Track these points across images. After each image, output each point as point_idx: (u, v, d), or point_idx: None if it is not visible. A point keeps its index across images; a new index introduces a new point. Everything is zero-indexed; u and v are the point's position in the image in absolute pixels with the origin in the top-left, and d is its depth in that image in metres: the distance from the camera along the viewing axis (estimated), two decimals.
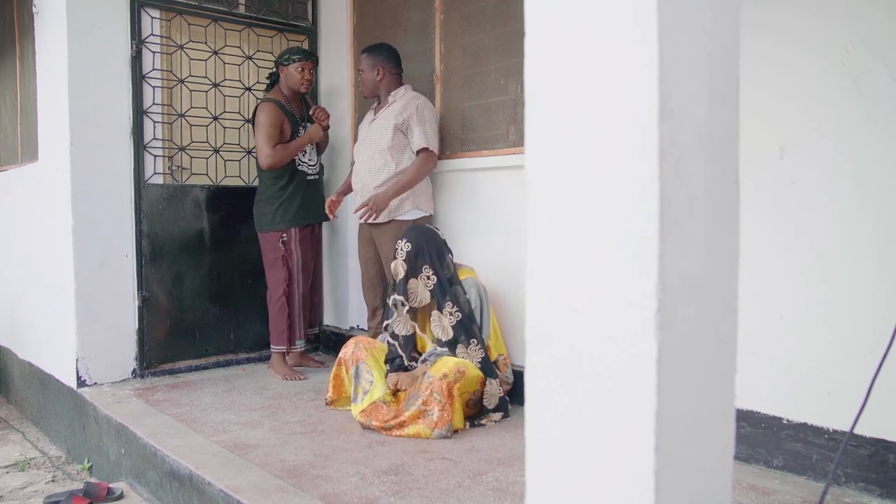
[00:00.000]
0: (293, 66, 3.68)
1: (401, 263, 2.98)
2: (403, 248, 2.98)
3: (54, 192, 3.65)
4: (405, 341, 3.03)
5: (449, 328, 2.92)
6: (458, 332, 2.91)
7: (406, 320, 3.03)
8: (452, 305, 2.93)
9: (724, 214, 0.99)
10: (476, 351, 2.89)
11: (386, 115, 3.43)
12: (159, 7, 3.72)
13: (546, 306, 1.01)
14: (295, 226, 3.69)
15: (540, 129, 1.01)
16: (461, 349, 2.89)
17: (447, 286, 2.96)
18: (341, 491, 2.20)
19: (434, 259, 2.96)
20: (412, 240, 2.99)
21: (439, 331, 2.94)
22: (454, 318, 2.92)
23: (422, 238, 2.99)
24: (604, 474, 0.94)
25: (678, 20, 0.89)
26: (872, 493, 2.11)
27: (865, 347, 2.08)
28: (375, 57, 3.47)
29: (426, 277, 2.96)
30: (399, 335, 3.04)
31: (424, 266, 2.96)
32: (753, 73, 2.26)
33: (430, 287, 2.96)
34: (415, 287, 2.97)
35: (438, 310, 2.95)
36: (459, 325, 2.92)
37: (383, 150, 3.38)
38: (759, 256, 2.32)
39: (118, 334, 3.61)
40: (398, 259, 2.99)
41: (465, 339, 2.90)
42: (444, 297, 2.95)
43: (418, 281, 2.97)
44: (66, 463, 3.55)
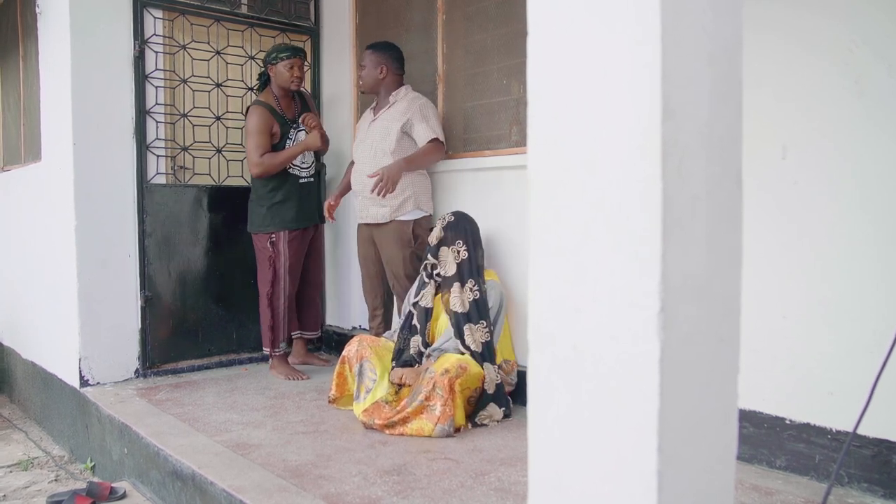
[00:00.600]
0: (282, 65, 3.62)
1: (439, 230, 3.12)
2: (447, 218, 3.14)
3: (57, 192, 3.66)
4: (424, 313, 3.12)
5: (467, 302, 3.00)
6: (472, 309, 2.99)
7: (431, 293, 3.14)
8: (474, 283, 3.02)
9: (727, 214, 0.99)
10: (482, 332, 2.95)
11: (388, 117, 3.42)
12: (162, 7, 3.73)
13: (548, 306, 1.01)
14: (284, 228, 3.65)
15: (542, 128, 1.01)
16: (470, 326, 2.95)
17: (474, 268, 3.06)
18: (344, 491, 2.20)
19: (469, 239, 3.09)
20: (457, 215, 3.14)
21: (457, 303, 3.00)
22: (473, 296, 3.01)
23: (465, 219, 3.15)
24: (606, 474, 0.94)
25: (680, 20, 0.89)
26: (876, 494, 2.11)
27: (868, 347, 2.08)
28: (381, 55, 3.46)
29: (457, 251, 3.06)
30: (421, 306, 3.13)
31: (459, 241, 3.08)
32: (755, 72, 2.26)
33: (459, 261, 3.05)
34: (445, 255, 3.09)
35: (460, 283, 3.03)
36: (475, 304, 3.00)
37: (387, 153, 3.36)
38: (761, 256, 2.31)
39: (121, 334, 3.61)
40: (438, 226, 3.14)
41: (476, 317, 2.98)
42: (469, 274, 3.04)
43: (450, 251, 3.08)
44: (68, 462, 3.56)
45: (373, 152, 3.41)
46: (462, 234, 3.08)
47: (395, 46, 3.53)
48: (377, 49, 3.48)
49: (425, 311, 3.13)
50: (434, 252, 3.11)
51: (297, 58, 3.66)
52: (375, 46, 3.51)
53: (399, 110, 3.40)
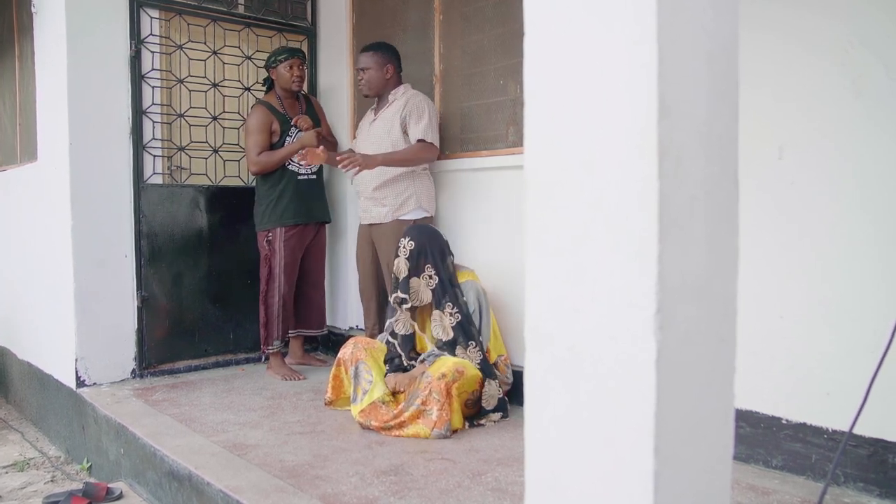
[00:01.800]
0: (281, 67, 3.69)
1: (403, 262, 2.98)
2: (406, 246, 2.99)
3: (54, 193, 3.65)
4: (403, 341, 3.04)
5: (449, 328, 2.92)
6: (457, 333, 2.91)
7: (406, 319, 3.04)
8: (452, 306, 2.93)
9: (724, 214, 0.99)
10: (474, 353, 2.89)
11: (388, 116, 3.42)
12: (158, 7, 3.72)
13: (546, 306, 1.01)
14: (281, 225, 3.67)
15: (539, 128, 1.01)
16: (460, 351, 2.89)
17: (448, 286, 2.96)
18: (341, 491, 2.20)
19: (437, 258, 2.97)
20: (415, 238, 2.99)
21: (440, 330, 2.94)
22: (454, 319, 2.92)
23: (424, 237, 3.00)
24: (603, 474, 0.94)
25: (677, 19, 0.89)
26: (871, 493, 2.11)
27: (865, 347, 2.08)
28: (384, 55, 3.44)
29: (428, 277, 2.96)
30: (398, 334, 3.04)
31: (427, 265, 2.96)
32: (753, 72, 2.26)
33: (432, 287, 2.96)
34: (417, 286, 2.98)
35: (439, 309, 2.95)
36: (459, 326, 2.92)
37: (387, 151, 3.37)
38: (759, 256, 2.32)
39: (117, 334, 3.60)
40: (401, 257, 2.99)
41: (463, 340, 2.90)
42: (444, 296, 2.95)
43: (420, 280, 2.97)
44: (65, 463, 3.55)
45: (372, 147, 3.41)
46: (427, 257, 2.97)
47: (393, 46, 3.53)
48: (380, 49, 3.45)
49: (406, 338, 3.04)
50: (405, 287, 2.98)
51: (294, 58, 3.70)
52: (377, 47, 3.47)
53: (397, 108, 3.41)
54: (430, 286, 2.96)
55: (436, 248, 2.99)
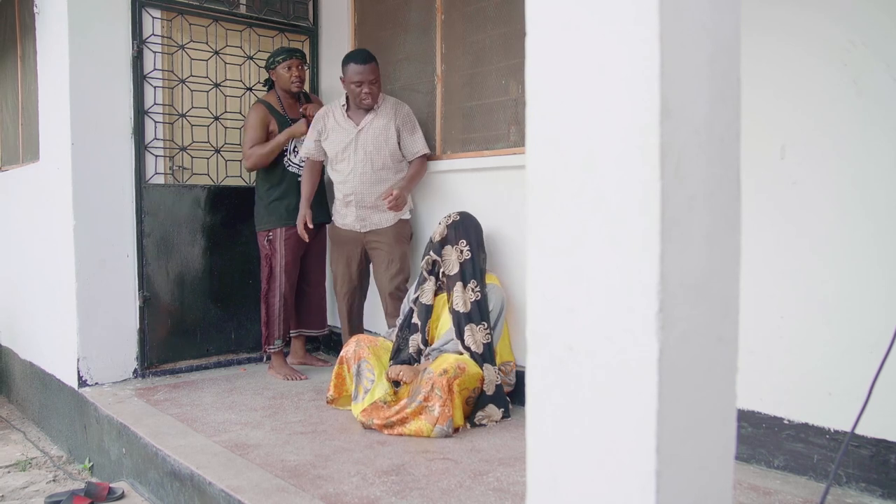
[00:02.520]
0: (280, 67, 3.70)
1: (444, 228, 3.12)
2: (452, 217, 3.14)
3: (56, 192, 3.65)
4: (424, 310, 3.12)
5: (469, 303, 3.00)
6: (474, 310, 2.99)
7: (431, 290, 3.13)
8: (476, 284, 3.02)
9: (725, 214, 0.99)
10: (483, 333, 2.95)
11: (381, 126, 3.43)
12: (160, 7, 3.72)
13: (546, 306, 1.01)
14: (281, 226, 3.69)
15: (541, 128, 1.01)
16: (472, 327, 2.95)
17: (477, 269, 3.06)
18: (342, 491, 2.20)
19: (473, 241, 3.09)
20: (462, 215, 3.15)
21: (459, 302, 3.01)
22: (475, 296, 3.01)
23: (470, 220, 3.15)
24: (605, 474, 0.94)
25: (679, 19, 0.89)
26: (874, 494, 2.11)
27: (866, 347, 2.08)
28: (377, 64, 3.44)
29: (460, 251, 3.06)
30: (421, 302, 3.13)
31: (462, 240, 3.08)
32: (754, 72, 2.26)
33: (462, 260, 3.05)
34: (448, 254, 3.08)
35: (463, 282, 3.03)
36: (476, 304, 3.00)
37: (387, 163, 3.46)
38: (759, 256, 2.31)
39: (119, 334, 3.61)
40: (442, 224, 3.14)
41: (477, 318, 2.98)
42: (471, 275, 3.04)
43: (453, 250, 3.07)
44: (67, 463, 3.56)
45: (369, 161, 3.44)
46: (465, 233, 3.08)
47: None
48: (375, 59, 3.43)
49: (426, 307, 3.12)
50: (438, 250, 3.11)
51: (293, 59, 3.70)
52: (372, 56, 3.42)
53: (387, 116, 3.43)
54: (461, 259, 3.05)
55: (474, 232, 3.12)
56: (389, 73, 3.94)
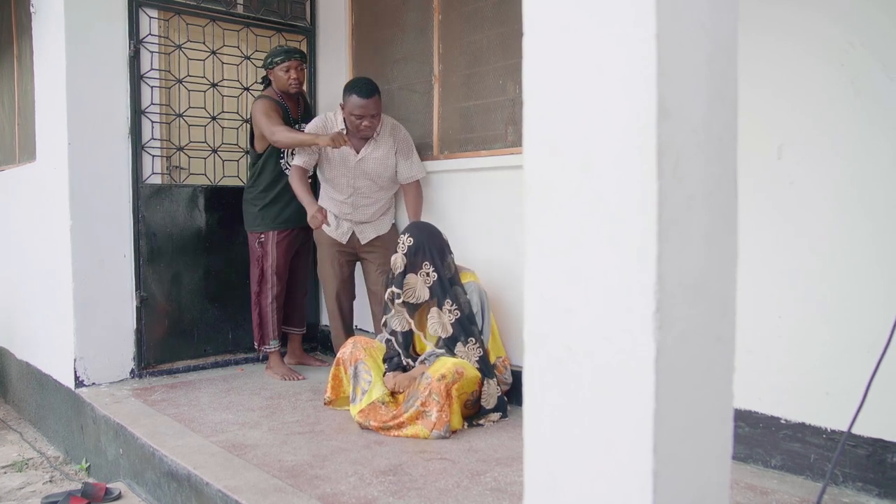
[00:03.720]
0: (278, 68, 3.64)
1: (401, 257, 2.97)
2: (405, 242, 2.98)
3: (52, 192, 3.64)
4: (403, 338, 3.03)
5: (448, 325, 2.92)
6: (457, 330, 2.91)
7: (402, 316, 3.03)
8: (452, 304, 2.93)
9: (723, 214, 0.99)
10: (474, 350, 2.89)
11: (382, 154, 3.44)
12: (157, 7, 3.72)
13: (544, 307, 1.01)
14: (273, 229, 3.70)
15: (538, 128, 1.01)
16: (460, 348, 2.89)
17: (447, 285, 2.96)
18: (340, 491, 2.20)
19: (435, 256, 2.96)
20: (414, 235, 2.98)
21: (438, 328, 2.94)
22: (453, 316, 2.92)
23: (424, 235, 2.99)
24: (602, 474, 0.94)
25: (677, 19, 0.89)
26: (870, 493, 2.12)
27: (864, 347, 2.09)
28: (379, 94, 3.36)
29: (426, 274, 2.95)
30: (397, 331, 3.04)
31: (425, 262, 2.95)
32: (752, 71, 2.26)
33: (430, 284, 2.95)
34: (413, 283, 2.97)
35: (438, 307, 2.94)
36: (458, 323, 2.92)
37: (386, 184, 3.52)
38: (757, 256, 2.32)
39: (116, 334, 3.60)
40: (398, 252, 2.99)
41: (464, 337, 2.90)
42: (444, 295, 2.94)
43: (417, 277, 2.96)
44: (63, 463, 3.55)
45: (367, 187, 3.49)
46: (425, 254, 2.95)
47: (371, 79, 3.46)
48: (378, 90, 3.35)
49: (403, 334, 3.03)
50: (399, 283, 2.97)
51: (292, 60, 3.64)
52: (376, 89, 3.33)
53: (387, 144, 3.45)
54: (428, 283, 2.95)
55: (434, 246, 2.98)
56: (387, 73, 3.94)
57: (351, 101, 3.29)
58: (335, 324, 3.75)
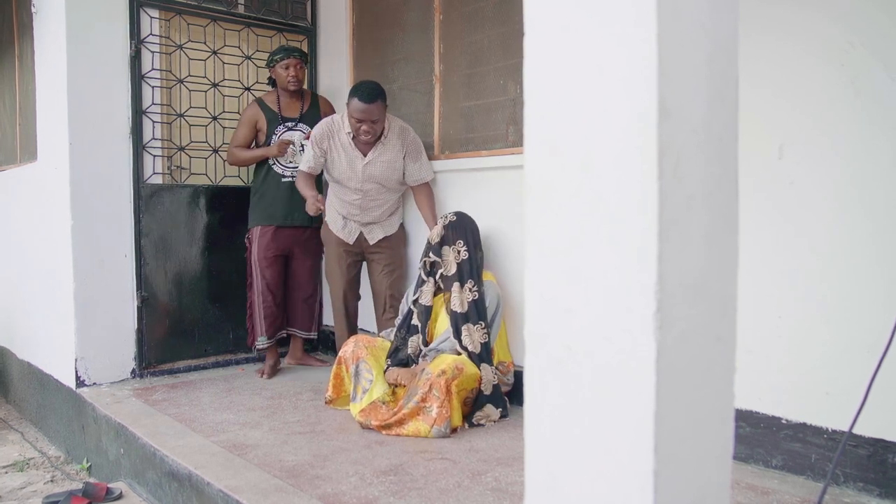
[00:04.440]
0: (279, 66, 3.73)
1: (440, 228, 3.13)
2: (449, 217, 3.14)
3: (53, 192, 3.65)
4: (424, 311, 3.12)
5: (466, 303, 3.00)
6: (471, 310, 2.99)
7: (430, 291, 3.13)
8: (474, 285, 3.02)
9: (723, 214, 0.99)
10: (481, 332, 2.95)
11: (389, 157, 3.42)
12: (158, 7, 3.72)
13: (544, 307, 1.01)
14: (258, 224, 3.77)
15: (539, 128, 1.01)
16: (469, 328, 2.95)
17: (474, 269, 3.06)
18: (340, 491, 2.20)
19: (470, 240, 3.09)
20: (458, 215, 3.15)
21: (457, 302, 3.00)
22: (472, 296, 3.01)
23: (466, 219, 3.15)
24: (602, 474, 0.94)
25: (677, 19, 0.89)
26: (871, 493, 2.11)
27: (864, 347, 2.09)
28: (384, 98, 3.30)
29: (458, 251, 3.06)
30: (421, 304, 3.13)
31: (459, 240, 3.08)
32: (752, 71, 2.26)
33: (459, 261, 3.05)
34: (447, 255, 3.09)
35: (460, 283, 3.03)
36: (474, 304, 3.00)
37: (394, 186, 3.50)
38: (757, 256, 2.32)
39: (117, 334, 3.60)
40: (439, 225, 3.15)
41: (475, 318, 2.97)
42: (468, 275, 3.04)
43: (450, 250, 3.07)
44: (64, 463, 3.55)
45: (375, 190, 3.48)
46: (463, 233, 3.09)
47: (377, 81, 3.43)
48: (381, 95, 3.27)
49: (426, 309, 3.12)
50: (437, 251, 3.11)
51: (290, 58, 3.72)
52: (379, 93, 3.26)
53: (395, 146, 3.42)
54: (458, 259, 3.05)
55: (471, 232, 3.12)
56: (388, 72, 3.94)
57: (352, 104, 3.26)
58: (339, 323, 3.74)
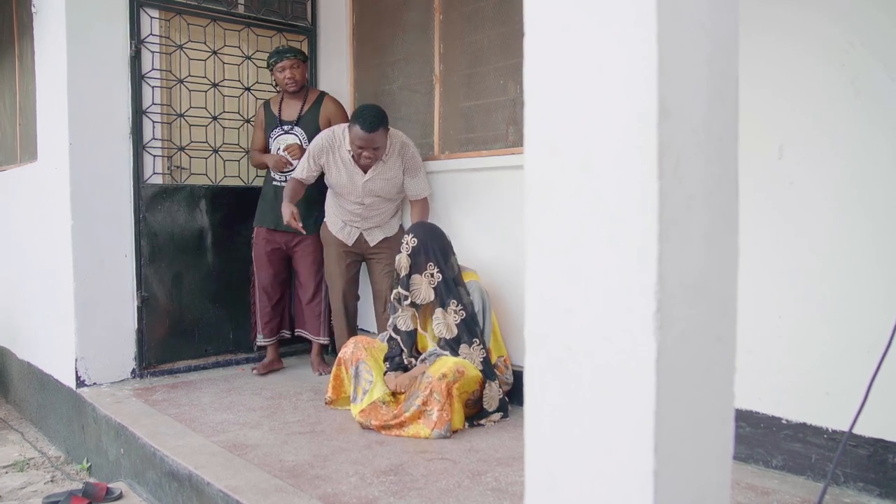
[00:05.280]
0: (276, 69, 3.75)
1: (405, 258, 2.99)
2: (409, 242, 3.00)
3: (53, 192, 3.65)
4: (407, 337, 3.04)
5: (453, 326, 2.92)
6: (461, 331, 2.91)
7: (408, 316, 3.05)
8: (457, 304, 2.93)
9: (723, 214, 0.99)
10: (478, 351, 2.89)
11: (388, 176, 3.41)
12: (158, 7, 3.72)
13: (544, 307, 1.01)
14: (256, 226, 3.86)
15: (538, 128, 1.01)
16: (464, 348, 2.89)
17: (452, 286, 2.96)
18: (340, 491, 2.20)
19: (439, 257, 2.97)
20: (418, 236, 3.00)
21: (443, 329, 2.93)
22: (458, 317, 2.92)
23: (428, 235, 3.01)
24: (603, 474, 0.94)
25: (677, 19, 0.89)
26: (871, 493, 2.11)
27: (864, 347, 2.09)
28: (386, 123, 3.28)
29: (430, 275, 2.96)
30: (402, 331, 3.05)
31: (429, 263, 2.96)
32: (753, 71, 2.26)
33: (434, 285, 2.96)
34: (418, 283, 2.98)
35: (442, 308, 2.94)
36: (463, 324, 2.92)
37: (392, 196, 3.50)
38: (758, 256, 2.32)
39: (117, 334, 3.60)
40: (403, 253, 3.01)
41: (467, 338, 2.90)
42: (448, 295, 2.94)
43: (422, 277, 2.97)
44: (65, 463, 3.55)
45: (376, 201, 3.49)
46: (430, 255, 2.96)
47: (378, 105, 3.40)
48: (384, 121, 3.26)
49: (408, 333, 3.05)
50: (405, 284, 2.99)
51: (285, 59, 3.72)
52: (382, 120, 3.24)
53: (394, 167, 3.41)
54: (433, 284, 2.96)
55: (438, 246, 2.99)
56: (388, 72, 3.94)
57: (354, 131, 3.23)
58: (339, 323, 3.74)
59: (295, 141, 3.75)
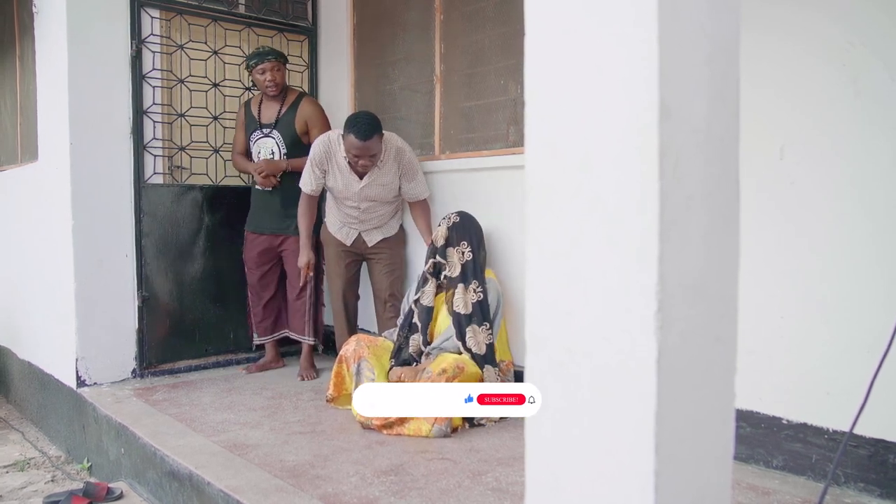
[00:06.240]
0: (255, 72, 3.66)
1: (444, 230, 3.13)
2: (452, 218, 3.14)
3: (54, 192, 3.65)
4: (426, 313, 3.12)
5: (470, 304, 3.00)
6: (475, 311, 2.99)
7: (432, 293, 3.15)
8: (478, 285, 3.03)
9: (724, 214, 0.99)
10: (485, 334, 2.96)
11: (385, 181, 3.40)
12: (159, 7, 3.72)
13: (545, 309, 1.01)
14: (246, 230, 3.87)
15: (539, 128, 1.01)
16: (473, 329, 2.95)
17: (478, 269, 3.07)
18: (341, 491, 2.20)
19: (473, 240, 3.10)
20: (462, 216, 3.15)
21: (461, 304, 3.01)
22: (476, 297, 3.01)
23: (469, 220, 3.16)
24: (603, 475, 0.94)
25: (678, 20, 0.89)
26: (872, 494, 2.11)
27: (865, 347, 2.08)
28: (380, 130, 3.27)
29: (462, 252, 3.07)
30: (423, 305, 3.14)
31: (463, 241, 3.09)
32: (753, 71, 2.25)
33: (463, 262, 3.06)
34: (451, 256, 3.09)
35: (464, 284, 3.03)
36: (479, 305, 3.00)
37: (389, 199, 3.50)
38: (758, 256, 2.31)
39: (118, 334, 3.60)
40: (443, 226, 3.15)
41: (479, 319, 2.98)
42: (472, 275, 3.04)
43: (455, 251, 3.08)
44: (65, 463, 3.55)
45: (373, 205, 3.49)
46: (466, 234, 3.09)
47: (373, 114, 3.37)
48: (379, 128, 3.24)
49: (426, 309, 3.13)
50: (441, 252, 3.11)
51: (265, 62, 3.62)
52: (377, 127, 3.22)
53: (391, 172, 3.40)
54: (462, 260, 3.06)
55: (475, 232, 3.13)
56: (388, 72, 3.94)
57: (348, 140, 3.21)
58: (339, 323, 3.74)
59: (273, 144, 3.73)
